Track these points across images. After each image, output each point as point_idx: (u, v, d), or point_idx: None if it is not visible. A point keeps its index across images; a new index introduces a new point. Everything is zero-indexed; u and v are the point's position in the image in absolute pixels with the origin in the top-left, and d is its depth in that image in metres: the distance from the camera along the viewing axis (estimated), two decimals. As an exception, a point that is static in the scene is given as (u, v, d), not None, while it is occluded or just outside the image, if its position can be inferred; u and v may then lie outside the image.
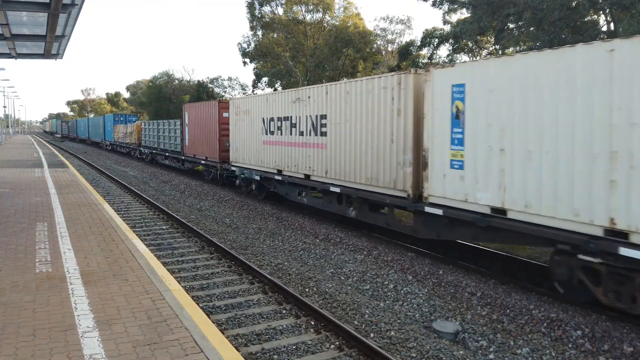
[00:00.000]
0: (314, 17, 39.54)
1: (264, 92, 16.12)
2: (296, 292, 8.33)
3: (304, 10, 39.11)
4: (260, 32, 41.04)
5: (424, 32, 31.46)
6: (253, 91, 44.51)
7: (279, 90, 15.69)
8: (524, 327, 7.27)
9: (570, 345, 6.72)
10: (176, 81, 60.18)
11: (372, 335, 6.91)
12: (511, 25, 22.56)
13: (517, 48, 22.89)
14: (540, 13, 18.77)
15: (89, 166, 32.26)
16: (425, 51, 32.57)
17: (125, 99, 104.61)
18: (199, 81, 54.27)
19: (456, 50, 28.64)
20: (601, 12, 20.37)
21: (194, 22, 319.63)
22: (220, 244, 11.02)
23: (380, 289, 8.93)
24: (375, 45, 39.34)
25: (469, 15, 24.83)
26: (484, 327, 7.31)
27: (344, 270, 9.96)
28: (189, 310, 5.48)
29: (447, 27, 30.01)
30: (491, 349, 6.64)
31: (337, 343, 6.44)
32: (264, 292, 8.35)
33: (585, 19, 19.68)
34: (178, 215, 14.68)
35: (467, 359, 6.28)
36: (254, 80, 43.76)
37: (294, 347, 6.31)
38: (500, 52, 24.09)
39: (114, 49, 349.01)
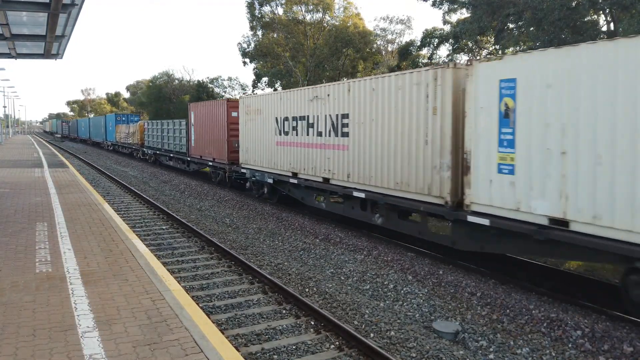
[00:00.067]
0: (314, 17, 39.58)
1: (277, 90, 15.62)
2: (296, 292, 8.33)
3: (304, 10, 39.15)
4: (260, 32, 41.10)
5: (424, 32, 31.52)
6: (253, 91, 44.56)
7: (297, 88, 14.96)
8: (524, 327, 7.27)
9: (570, 345, 6.73)
10: (176, 81, 60.29)
11: (372, 335, 6.91)
12: (511, 25, 22.57)
13: (517, 48, 22.91)
14: (540, 13, 18.78)
15: (89, 166, 32.26)
16: (425, 51, 32.62)
17: (125, 99, 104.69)
18: (199, 81, 54.37)
19: (456, 50, 28.67)
20: (601, 12, 20.39)
21: (194, 22, 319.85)
22: (220, 244, 11.03)
23: (380, 289, 8.93)
24: (375, 45, 39.39)
25: (469, 15, 24.86)
26: (484, 327, 7.31)
27: (344, 270, 9.96)
28: (189, 310, 5.48)
29: (447, 27, 30.05)
30: (491, 349, 6.64)
31: (337, 343, 6.44)
32: (264, 292, 8.35)
33: (585, 19, 19.69)
34: (178, 215, 14.69)
35: (467, 359, 6.28)
36: (254, 80, 43.86)
37: (294, 347, 6.32)
38: (500, 52, 24.09)
39: (114, 49, 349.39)
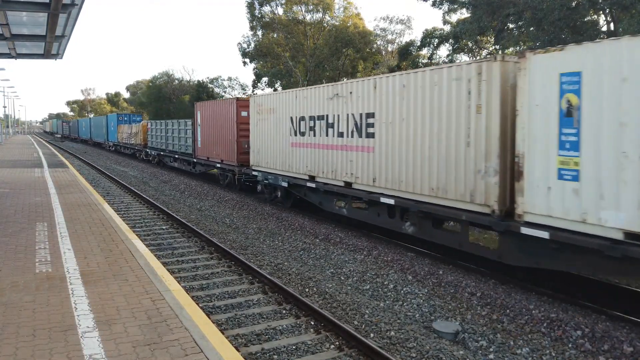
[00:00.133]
0: (314, 17, 39.60)
1: (293, 88, 15.20)
2: (296, 292, 8.33)
3: (304, 10, 39.17)
4: (260, 32, 41.12)
5: (424, 32, 31.56)
6: (253, 91, 44.57)
7: (315, 85, 14.21)
8: (524, 327, 7.27)
9: (570, 345, 6.73)
10: (176, 81, 60.33)
11: (372, 335, 6.91)
12: (511, 25, 22.58)
13: (517, 48, 22.91)
14: (540, 13, 18.79)
15: (88, 166, 32.26)
16: (425, 51, 32.66)
17: (125, 99, 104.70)
18: (199, 81, 54.41)
19: (456, 50, 28.69)
20: (601, 12, 20.39)
21: (194, 22, 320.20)
22: (220, 244, 11.02)
23: (380, 289, 8.93)
24: (375, 46, 39.41)
25: (469, 15, 24.88)
26: (484, 327, 7.31)
27: (344, 270, 9.96)
28: (189, 310, 5.48)
29: (447, 27, 30.11)
30: (491, 349, 6.64)
31: (337, 343, 6.44)
32: (263, 292, 8.35)
33: (585, 19, 19.70)
34: (178, 215, 14.69)
35: (467, 359, 6.28)
36: (254, 80, 43.90)
37: (293, 347, 6.32)
38: (500, 52, 24.09)
39: (114, 49, 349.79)
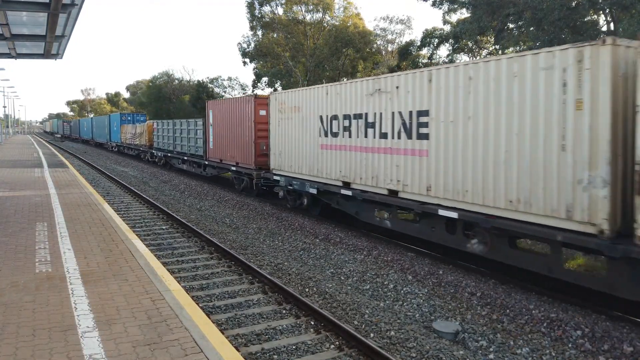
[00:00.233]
0: (314, 17, 39.62)
1: (323, 84, 14.56)
2: (296, 292, 8.33)
3: (304, 10, 39.19)
4: (260, 32, 41.16)
5: (424, 32, 31.60)
6: (253, 91, 44.57)
7: (351, 80, 12.86)
8: (524, 327, 7.27)
9: (570, 345, 6.73)
10: (176, 81, 60.38)
11: (372, 335, 6.91)
12: (511, 25, 22.59)
13: (517, 48, 22.93)
14: (540, 13, 18.79)
15: (88, 166, 32.25)
16: (425, 51, 32.68)
17: (125, 99, 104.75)
18: (198, 81, 54.46)
19: (456, 50, 28.72)
20: (601, 12, 20.40)
21: (194, 22, 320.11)
22: (220, 244, 11.02)
23: (380, 289, 8.93)
24: (375, 45, 39.44)
25: (469, 15, 24.89)
26: (484, 327, 7.31)
27: (343, 270, 9.96)
28: (189, 310, 5.48)
29: (447, 27, 30.14)
30: (491, 349, 6.64)
31: (337, 343, 6.44)
32: (263, 292, 8.35)
33: (585, 19, 19.71)
34: (178, 215, 14.69)
35: (467, 359, 6.28)
36: (253, 80, 43.95)
37: (293, 347, 6.32)
38: (500, 52, 24.10)
39: (114, 49, 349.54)
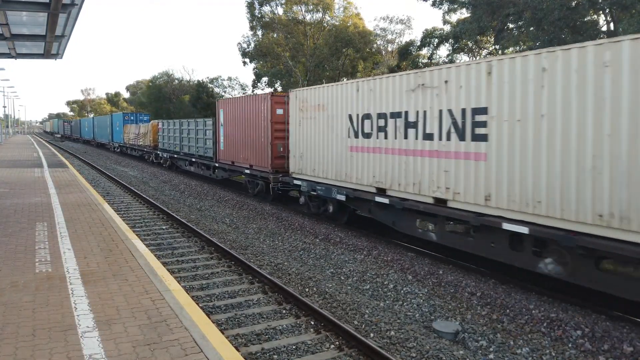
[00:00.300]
0: (314, 17, 39.62)
1: (353, 79, 13.46)
2: (296, 292, 8.33)
3: (303, 10, 39.19)
4: (260, 32, 41.17)
5: (423, 32, 31.59)
6: (253, 91, 44.57)
7: (387, 74, 11.73)
8: (524, 327, 7.27)
9: (570, 345, 6.73)
10: (176, 81, 60.33)
11: (372, 335, 6.91)
12: (511, 25, 22.60)
13: (517, 48, 22.93)
14: (540, 13, 18.80)
15: (88, 166, 32.24)
16: (425, 51, 32.67)
17: (125, 99, 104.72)
18: (198, 81, 54.41)
19: (456, 50, 28.71)
20: (601, 12, 20.41)
21: (194, 22, 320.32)
22: (220, 244, 11.02)
23: (380, 289, 8.93)
24: (375, 45, 39.44)
25: (469, 15, 24.90)
26: (484, 327, 7.31)
27: (343, 270, 9.96)
28: (189, 310, 5.48)
29: (447, 27, 30.14)
30: (491, 349, 6.64)
31: (337, 343, 6.44)
32: (263, 292, 8.35)
33: (585, 19, 19.72)
34: (178, 215, 14.68)
35: (467, 359, 6.28)
36: (254, 80, 43.94)
37: (293, 347, 6.32)
38: (500, 52, 24.10)
39: (114, 49, 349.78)
